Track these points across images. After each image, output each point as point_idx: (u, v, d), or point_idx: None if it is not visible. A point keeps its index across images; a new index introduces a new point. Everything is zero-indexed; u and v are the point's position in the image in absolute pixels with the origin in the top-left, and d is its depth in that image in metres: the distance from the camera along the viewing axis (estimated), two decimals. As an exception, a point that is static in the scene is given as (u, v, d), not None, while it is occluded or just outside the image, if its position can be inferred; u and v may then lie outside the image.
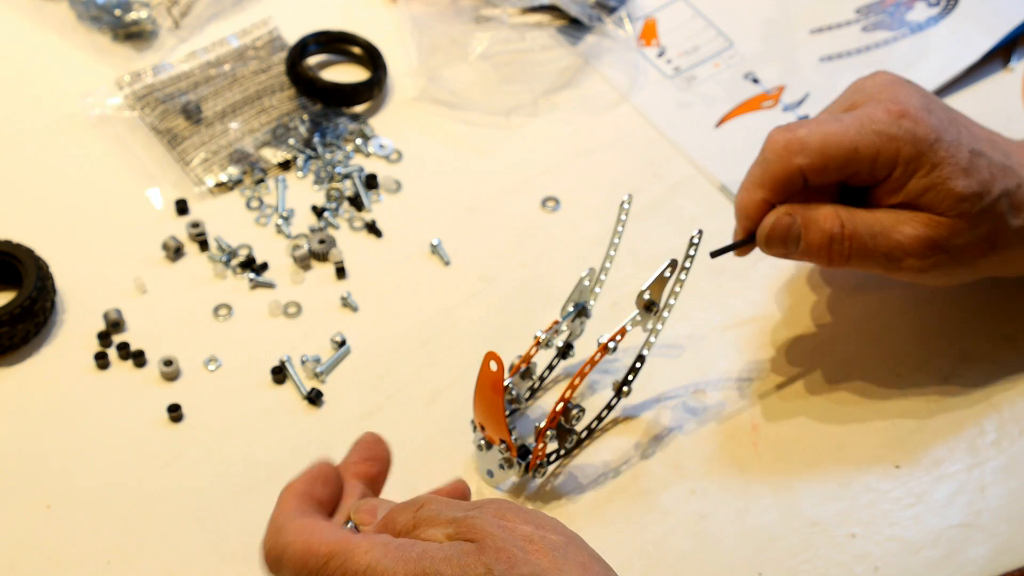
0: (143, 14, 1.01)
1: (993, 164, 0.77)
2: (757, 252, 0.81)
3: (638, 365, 0.78)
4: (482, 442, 0.77)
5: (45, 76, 1.00)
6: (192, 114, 0.96)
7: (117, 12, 1.01)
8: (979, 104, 0.97)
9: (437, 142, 0.96)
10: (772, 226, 0.78)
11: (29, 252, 0.86)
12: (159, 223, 0.91)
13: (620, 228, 0.81)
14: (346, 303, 0.87)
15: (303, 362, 0.84)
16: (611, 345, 0.77)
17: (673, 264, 0.78)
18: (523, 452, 0.77)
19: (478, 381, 0.74)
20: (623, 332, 0.77)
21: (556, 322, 0.80)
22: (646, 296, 0.78)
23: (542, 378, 0.83)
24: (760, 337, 0.85)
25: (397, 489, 0.78)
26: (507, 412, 0.78)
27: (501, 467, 0.77)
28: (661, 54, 1.01)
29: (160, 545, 0.76)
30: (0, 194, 0.93)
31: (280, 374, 0.83)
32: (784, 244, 0.78)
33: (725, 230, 0.91)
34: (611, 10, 1.02)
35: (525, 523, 0.61)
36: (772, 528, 0.77)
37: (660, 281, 0.78)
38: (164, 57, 1.00)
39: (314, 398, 0.82)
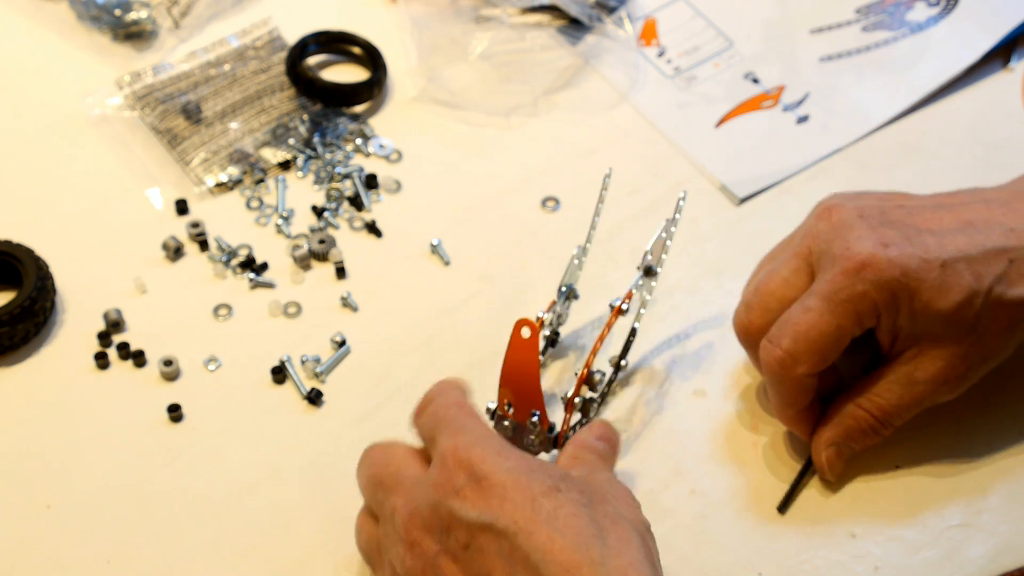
0: (143, 14, 1.01)
1: (972, 260, 0.73)
2: (756, 254, 0.81)
3: (631, 339, 0.78)
4: (507, 424, 0.77)
5: (45, 76, 1.00)
6: (192, 114, 0.96)
7: (117, 12, 1.01)
8: (979, 104, 0.97)
9: (437, 142, 0.96)
10: (828, 463, 0.77)
11: (29, 252, 0.86)
12: (159, 223, 0.91)
13: (600, 204, 0.81)
14: (346, 303, 0.87)
15: (303, 362, 0.84)
16: (624, 307, 0.78)
17: (666, 225, 0.79)
18: (549, 428, 0.77)
19: (508, 354, 0.74)
20: (631, 296, 0.79)
21: (554, 302, 0.81)
22: (648, 259, 0.79)
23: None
24: (760, 337, 0.85)
25: (397, 489, 0.78)
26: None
27: (530, 447, 0.77)
28: (661, 54, 1.01)
29: (160, 545, 0.76)
30: (0, 194, 0.93)
31: (280, 374, 0.83)
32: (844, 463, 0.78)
33: (725, 230, 0.91)
34: (611, 10, 1.02)
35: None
36: (772, 528, 0.77)
37: (659, 243, 0.79)
38: (164, 57, 1.00)
39: (314, 398, 0.82)
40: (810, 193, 0.92)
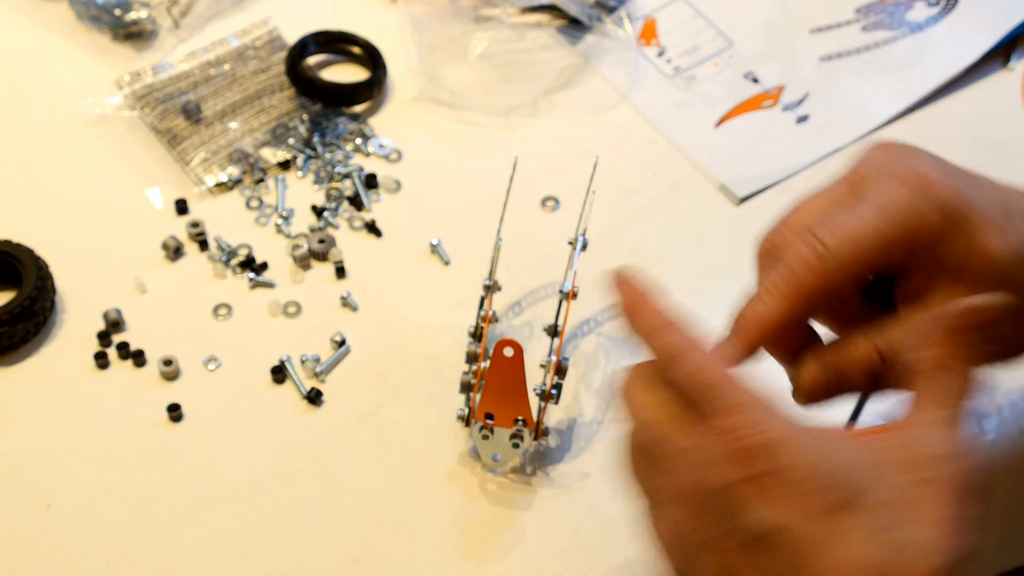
0: (143, 14, 1.01)
1: None
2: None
3: (562, 302, 0.78)
4: (486, 432, 0.78)
5: (45, 76, 1.00)
6: (192, 114, 0.96)
7: (117, 12, 1.01)
8: (979, 104, 0.97)
9: (437, 142, 0.96)
10: (811, 382, 0.67)
11: (29, 252, 0.86)
12: (159, 223, 0.91)
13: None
14: (346, 303, 0.87)
15: (303, 362, 0.84)
16: (576, 289, 0.78)
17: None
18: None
19: (491, 373, 0.76)
20: (575, 274, 0.78)
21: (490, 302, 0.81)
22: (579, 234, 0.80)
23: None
24: (760, 337, 0.85)
25: (397, 488, 0.78)
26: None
27: (515, 445, 0.78)
28: (661, 54, 1.01)
29: (160, 545, 0.76)
30: (0, 194, 0.93)
31: (280, 374, 0.83)
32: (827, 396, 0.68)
33: (725, 230, 0.91)
34: (611, 10, 1.02)
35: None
36: (772, 528, 0.77)
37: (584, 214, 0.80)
38: (164, 57, 1.00)
39: (314, 398, 0.82)
40: (810, 193, 0.92)
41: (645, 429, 0.60)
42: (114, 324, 0.85)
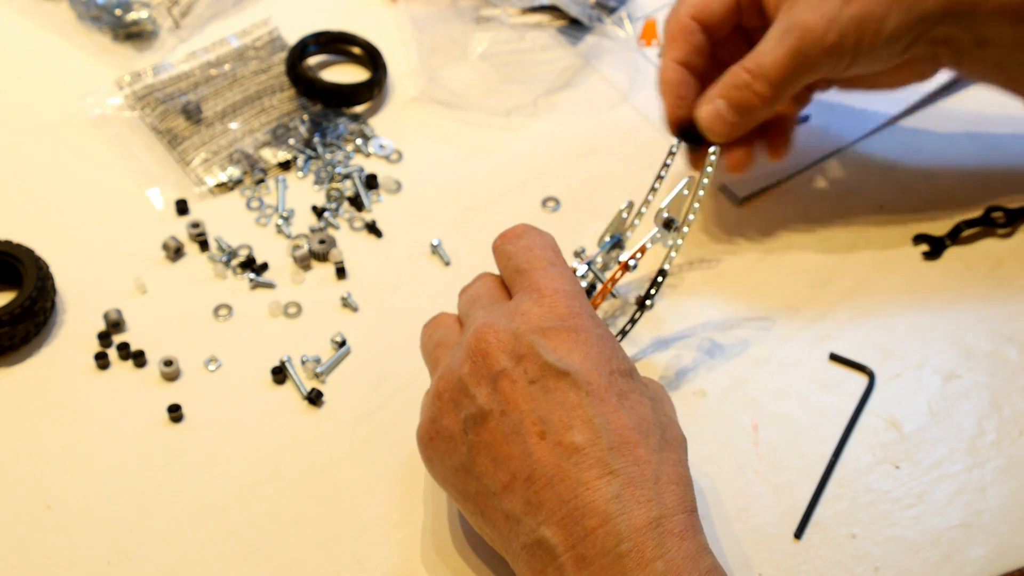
0: (143, 14, 1.01)
1: None
2: (756, 254, 0.81)
3: (660, 279, 0.79)
4: None
5: (45, 76, 1.00)
6: (192, 114, 0.96)
7: (117, 12, 1.01)
8: (979, 104, 0.97)
9: (437, 142, 0.97)
10: (707, 118, 0.83)
11: (29, 252, 0.86)
12: (159, 223, 0.91)
13: (669, 161, 0.83)
14: (346, 303, 0.87)
15: (303, 362, 0.84)
16: (631, 263, 0.79)
17: (690, 182, 0.79)
18: None
19: None
20: (643, 250, 0.79)
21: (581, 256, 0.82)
22: (664, 215, 0.79)
23: None
24: (761, 336, 0.85)
25: (397, 490, 0.78)
26: None
27: None
28: (661, 54, 1.01)
29: (160, 545, 0.76)
30: (0, 194, 0.93)
31: (280, 374, 0.83)
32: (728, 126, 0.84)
33: (725, 230, 0.91)
34: (611, 10, 1.02)
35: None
36: (772, 528, 0.77)
37: (679, 199, 0.79)
38: (164, 57, 1.00)
39: (314, 398, 0.82)
40: (810, 193, 0.92)
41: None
42: (114, 324, 0.85)
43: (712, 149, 0.79)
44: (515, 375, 0.66)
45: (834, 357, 0.84)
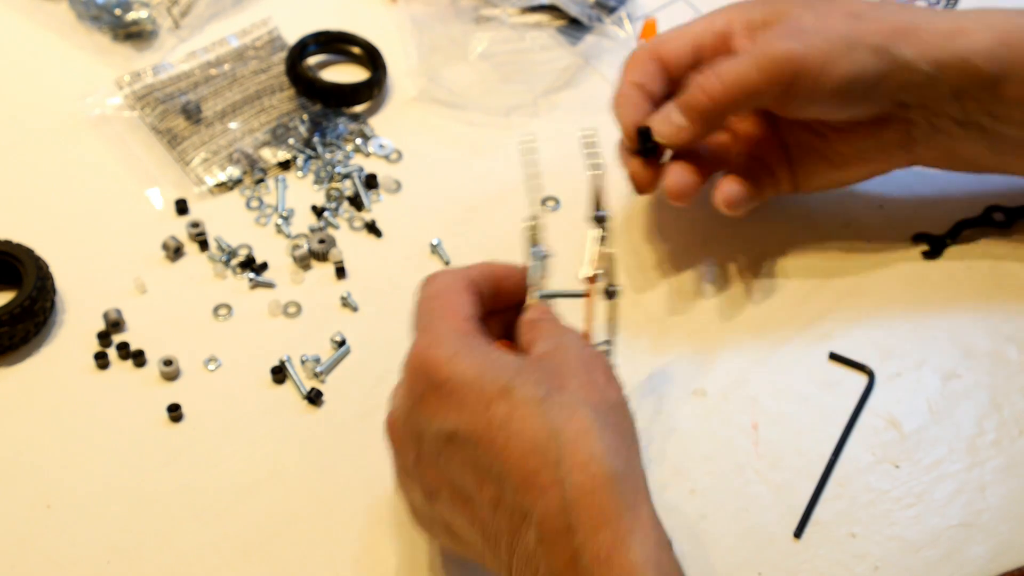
0: (143, 14, 1.01)
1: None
2: (756, 255, 0.81)
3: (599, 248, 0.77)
4: None
5: (45, 76, 1.00)
6: (192, 114, 0.96)
7: (117, 12, 1.01)
8: (979, 104, 0.97)
9: (437, 142, 0.97)
10: (657, 120, 0.84)
11: (29, 252, 0.86)
12: (159, 223, 0.91)
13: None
14: (346, 303, 0.87)
15: (303, 362, 0.84)
16: (597, 273, 0.76)
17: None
18: None
19: None
20: (597, 256, 0.77)
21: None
22: (597, 212, 0.78)
23: None
24: (760, 336, 0.85)
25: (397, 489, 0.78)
26: None
27: None
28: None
29: (160, 545, 0.76)
30: (0, 194, 0.93)
31: (280, 374, 0.83)
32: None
33: (726, 231, 0.91)
34: (611, 10, 1.02)
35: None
36: (772, 528, 0.77)
37: (595, 194, 0.78)
38: (164, 57, 1.00)
39: (314, 398, 0.82)
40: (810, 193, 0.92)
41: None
42: (114, 324, 0.85)
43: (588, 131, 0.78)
44: (425, 456, 0.66)
45: (834, 356, 0.84)
